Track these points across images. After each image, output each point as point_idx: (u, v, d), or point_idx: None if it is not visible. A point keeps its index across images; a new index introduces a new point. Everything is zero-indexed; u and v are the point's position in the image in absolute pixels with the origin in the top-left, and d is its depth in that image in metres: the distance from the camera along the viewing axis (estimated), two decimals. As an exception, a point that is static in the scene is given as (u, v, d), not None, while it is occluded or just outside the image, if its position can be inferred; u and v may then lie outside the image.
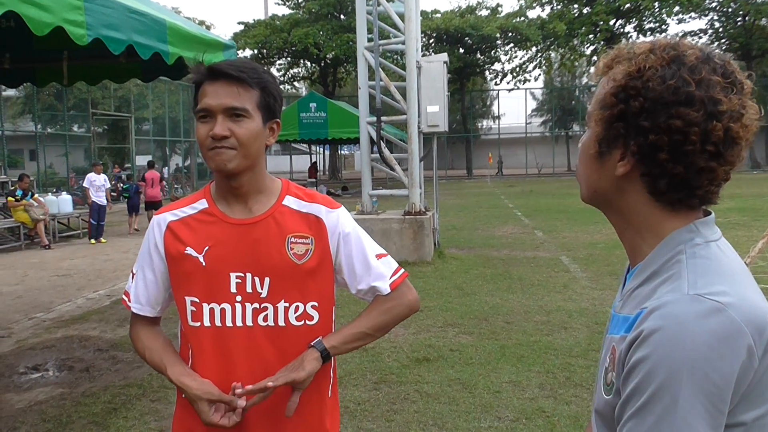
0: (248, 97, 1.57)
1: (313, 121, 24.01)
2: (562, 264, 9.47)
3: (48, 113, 32.17)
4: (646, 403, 0.89)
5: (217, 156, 1.56)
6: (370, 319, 1.73)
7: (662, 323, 0.90)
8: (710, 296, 0.91)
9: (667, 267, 0.99)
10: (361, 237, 1.76)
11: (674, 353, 0.88)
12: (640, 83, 0.97)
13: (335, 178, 42.03)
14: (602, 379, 1.06)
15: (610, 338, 1.07)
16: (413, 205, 9.90)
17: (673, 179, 0.98)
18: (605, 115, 1.02)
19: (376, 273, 1.74)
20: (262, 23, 39.80)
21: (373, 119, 10.12)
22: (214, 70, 1.59)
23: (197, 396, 1.57)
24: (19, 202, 13.77)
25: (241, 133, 1.56)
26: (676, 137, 0.94)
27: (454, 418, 4.17)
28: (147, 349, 1.72)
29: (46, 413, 4.49)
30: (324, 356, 1.62)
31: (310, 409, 1.69)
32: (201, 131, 1.57)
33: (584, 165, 1.11)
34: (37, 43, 5.75)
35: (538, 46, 41.12)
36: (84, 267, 11.20)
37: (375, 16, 9.92)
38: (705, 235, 1.02)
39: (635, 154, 0.99)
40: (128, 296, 1.76)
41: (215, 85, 1.57)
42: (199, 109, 1.57)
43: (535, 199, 21.39)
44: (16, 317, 7.46)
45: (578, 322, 6.25)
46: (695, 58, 0.96)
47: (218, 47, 5.88)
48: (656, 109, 0.95)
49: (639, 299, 1.01)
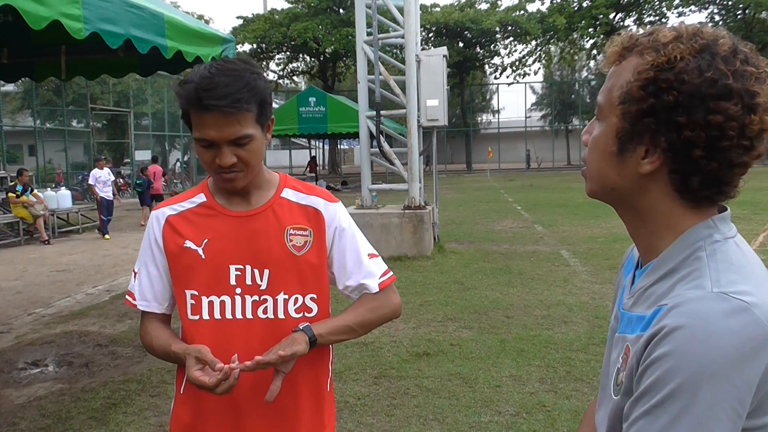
0: (248, 119, 1.51)
1: (313, 115, 23.97)
2: (562, 258, 9.46)
3: (47, 108, 32.11)
4: (662, 401, 0.85)
5: (228, 182, 1.57)
6: (357, 315, 1.71)
7: (685, 321, 0.86)
8: (735, 295, 0.87)
9: (686, 264, 0.95)
10: (355, 234, 1.75)
11: (698, 352, 0.83)
12: (672, 75, 0.90)
13: (335, 173, 41.99)
14: (612, 380, 1.03)
15: (622, 337, 1.03)
16: (413, 199, 9.88)
17: (706, 176, 0.93)
18: (632, 109, 0.95)
19: (366, 271, 1.73)
20: (261, 17, 39.72)
21: (372, 113, 10.10)
22: (206, 104, 1.47)
23: (188, 353, 1.52)
24: (19, 197, 13.75)
25: (247, 156, 1.54)
26: (714, 133, 0.89)
27: (454, 412, 4.17)
28: (154, 338, 1.67)
29: (45, 409, 4.49)
30: (311, 341, 1.58)
31: (310, 403, 1.68)
32: (206, 157, 1.55)
33: (598, 161, 1.03)
34: (35, 37, 5.74)
35: (537, 40, 41.06)
36: (83, 262, 11.19)
37: (374, 9, 9.88)
38: (723, 231, 0.98)
39: (666, 151, 0.93)
40: (132, 296, 1.72)
41: (212, 115, 1.48)
42: (200, 138, 1.52)
43: (535, 193, 21.38)
44: (15, 313, 7.45)
45: (578, 316, 6.24)
46: (728, 48, 0.91)
47: (217, 41, 5.86)
48: (693, 103, 0.89)
49: (655, 297, 0.97)
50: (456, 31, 39.70)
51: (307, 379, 1.65)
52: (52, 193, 16.08)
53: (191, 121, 1.54)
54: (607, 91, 1.02)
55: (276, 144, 52.66)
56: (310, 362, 1.64)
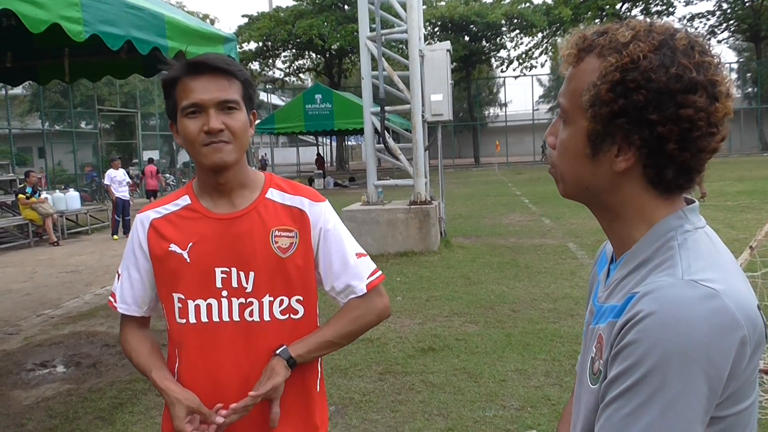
0: (235, 88, 1.57)
1: (319, 112, 24.01)
2: (569, 251, 9.43)
3: (55, 111, 32.33)
4: (634, 384, 0.87)
5: (215, 152, 1.54)
6: (338, 327, 1.70)
7: (657, 307, 0.88)
8: (704, 282, 0.89)
9: (659, 253, 0.98)
10: (341, 234, 1.74)
11: (669, 337, 0.85)
12: (638, 75, 0.92)
13: (342, 170, 42.00)
14: (588, 370, 1.04)
15: (594, 329, 1.05)
16: (418, 194, 9.87)
17: (679, 166, 0.96)
18: (603, 111, 0.96)
19: (353, 272, 1.71)
20: (266, 15, 39.70)
21: (376, 109, 10.09)
22: (199, 63, 1.55)
23: (177, 399, 1.55)
24: (29, 199, 13.84)
25: (234, 125, 1.56)
26: (685, 125, 0.92)
27: (459, 407, 4.17)
28: (134, 351, 1.71)
29: (52, 409, 4.52)
30: (290, 364, 1.60)
31: (297, 405, 1.68)
32: (192, 127, 1.54)
33: (571, 164, 1.04)
34: (38, 41, 5.76)
35: (543, 32, 40.81)
36: (92, 263, 11.26)
37: (377, 5, 9.86)
38: (693, 221, 1.00)
39: (640, 148, 0.95)
40: (114, 297, 1.75)
41: (201, 80, 1.54)
42: (189, 104, 1.53)
43: (543, 186, 21.27)
44: (24, 314, 7.51)
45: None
46: (686, 42, 0.94)
47: (218, 41, 5.87)
48: (662, 99, 0.91)
49: (628, 287, 0.98)
50: (461, 25, 39.55)
51: (291, 383, 1.62)
52: (61, 195, 16.17)
53: (178, 97, 1.56)
54: (570, 93, 1.03)
55: (283, 141, 52.80)
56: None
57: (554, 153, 1.08)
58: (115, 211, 14.54)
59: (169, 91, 1.58)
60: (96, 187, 24.28)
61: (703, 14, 41.71)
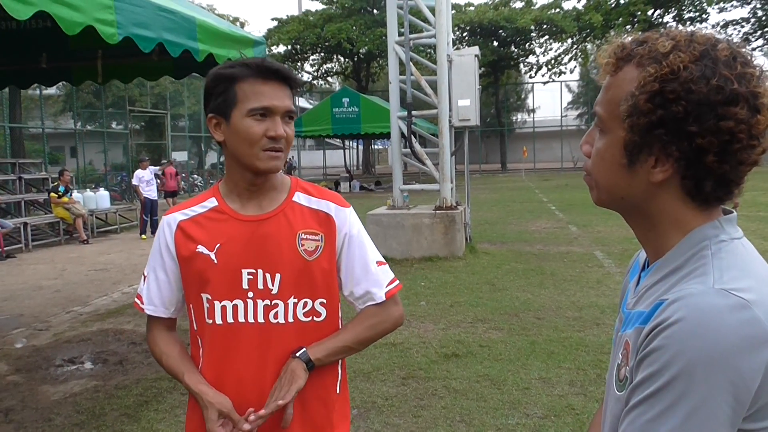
0: (293, 98, 1.63)
1: (346, 116, 24.09)
2: (596, 259, 9.33)
3: (87, 111, 32.85)
4: (658, 390, 0.86)
5: (273, 159, 1.58)
6: (356, 333, 1.72)
7: (685, 314, 0.87)
8: (735, 292, 0.88)
9: (691, 262, 0.97)
10: (364, 241, 1.76)
11: (696, 344, 0.84)
12: (678, 86, 0.91)
13: (368, 173, 42.07)
14: (614, 377, 1.03)
15: (621, 335, 1.04)
16: (444, 199, 9.85)
17: (718, 179, 0.94)
18: (641, 122, 0.95)
19: (373, 279, 1.73)
20: (295, 19, 39.97)
21: (404, 114, 10.10)
22: (272, 69, 1.58)
23: (210, 403, 1.57)
24: (60, 198, 14.08)
25: (291, 134, 1.62)
26: (725, 138, 0.91)
27: (482, 414, 4.15)
28: (164, 354, 1.72)
29: (80, 405, 4.59)
30: (309, 368, 1.62)
31: (315, 406, 1.69)
32: (257, 129, 1.56)
33: (607, 173, 1.03)
34: (73, 42, 5.87)
35: (573, 38, 40.48)
36: (120, 262, 11.42)
37: (405, 10, 9.88)
38: (729, 232, 0.99)
39: (678, 159, 0.94)
40: (141, 299, 1.77)
41: (272, 85, 1.57)
42: (260, 107, 1.55)
43: (570, 193, 21.11)
44: (54, 311, 7.64)
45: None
46: (728, 53, 0.92)
47: (248, 44, 5.93)
48: (702, 111, 0.90)
49: (658, 293, 0.98)
50: (490, 30, 39.41)
51: (309, 385, 1.62)
52: (91, 194, 16.43)
53: (238, 96, 1.56)
54: (607, 102, 1.02)
55: (311, 144, 52.98)
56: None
57: (589, 161, 1.08)
58: (143, 210, 14.73)
59: (226, 86, 1.57)
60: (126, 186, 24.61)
61: (738, 21, 41.00)
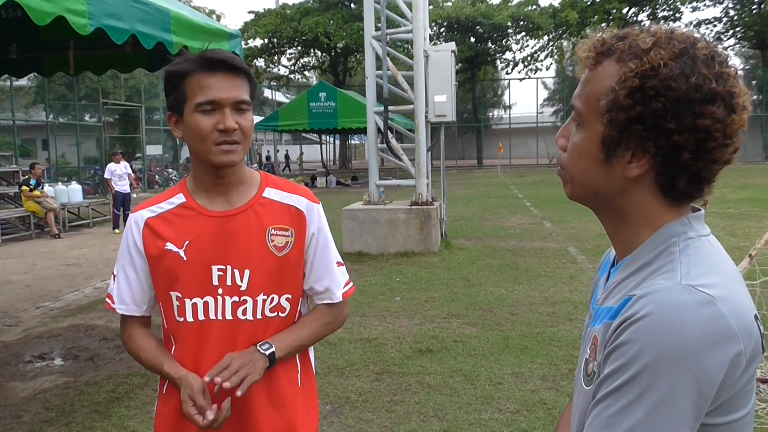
0: (246, 88, 1.59)
1: (323, 110, 24.03)
2: (569, 255, 9.43)
3: (60, 103, 32.36)
4: (624, 384, 0.87)
5: (227, 153, 1.55)
6: (314, 330, 1.73)
7: (652, 309, 0.88)
8: (701, 288, 0.89)
9: (660, 258, 0.98)
10: (329, 239, 1.77)
11: (661, 339, 0.85)
12: (658, 82, 0.92)
13: (345, 168, 42.00)
14: (582, 371, 1.05)
15: (591, 330, 1.05)
16: (420, 195, 9.86)
17: (692, 176, 0.96)
18: (619, 117, 0.95)
19: (334, 278, 1.75)
20: (272, 12, 39.72)
21: (380, 109, 10.09)
22: (216, 60, 1.54)
23: (191, 386, 1.55)
24: (32, 191, 13.84)
25: (246, 125, 1.57)
26: (701, 136, 0.92)
27: (455, 409, 4.17)
28: (141, 349, 1.69)
29: (49, 402, 4.53)
30: (271, 363, 1.61)
31: (278, 400, 1.68)
32: (205, 124, 1.53)
33: (582, 167, 1.04)
34: (44, 33, 5.77)
35: (549, 35, 40.76)
36: (92, 256, 11.27)
37: (383, 4, 9.86)
38: (697, 229, 1.00)
39: (654, 155, 0.95)
40: (111, 299, 1.73)
41: (218, 77, 1.53)
42: (206, 101, 1.52)
43: (545, 189, 21.26)
44: (24, 306, 7.52)
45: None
46: (707, 51, 0.93)
47: (223, 37, 5.87)
48: (681, 108, 0.91)
49: (627, 289, 0.99)
50: (467, 26, 39.51)
51: (269, 378, 1.62)
52: (63, 188, 16.19)
53: (187, 92, 1.54)
54: (586, 96, 1.02)
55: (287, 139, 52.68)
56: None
57: (564, 155, 1.08)
58: (114, 204, 14.54)
59: (176, 83, 1.56)
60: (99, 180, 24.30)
61: (710, 20, 41.61)
